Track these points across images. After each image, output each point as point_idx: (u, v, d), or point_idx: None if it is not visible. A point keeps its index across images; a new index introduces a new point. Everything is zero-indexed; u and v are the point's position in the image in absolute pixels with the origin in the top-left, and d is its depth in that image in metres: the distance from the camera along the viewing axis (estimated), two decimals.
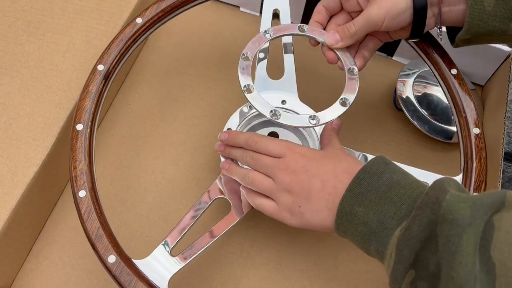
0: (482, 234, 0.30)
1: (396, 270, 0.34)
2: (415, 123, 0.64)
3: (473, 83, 0.72)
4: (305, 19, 0.73)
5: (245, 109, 0.54)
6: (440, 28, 0.48)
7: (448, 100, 0.52)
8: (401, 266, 0.33)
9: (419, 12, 0.46)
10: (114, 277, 0.41)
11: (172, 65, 0.69)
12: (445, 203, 0.32)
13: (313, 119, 0.46)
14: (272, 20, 0.56)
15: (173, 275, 0.43)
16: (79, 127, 0.46)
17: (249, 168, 0.46)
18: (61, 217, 0.57)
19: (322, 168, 0.42)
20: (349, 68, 0.49)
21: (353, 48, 0.51)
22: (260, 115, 0.54)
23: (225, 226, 0.48)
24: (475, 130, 0.49)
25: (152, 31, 0.53)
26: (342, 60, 0.49)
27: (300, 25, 0.50)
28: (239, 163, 0.49)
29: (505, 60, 0.66)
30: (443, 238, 0.31)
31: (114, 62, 0.50)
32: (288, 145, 0.44)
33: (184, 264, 0.44)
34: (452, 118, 0.63)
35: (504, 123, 0.58)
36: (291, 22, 0.54)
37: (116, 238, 0.43)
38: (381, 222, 0.37)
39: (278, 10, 0.56)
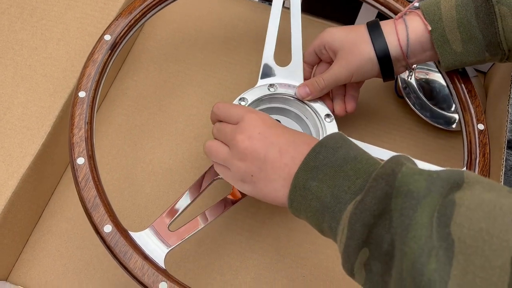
0: (441, 209, 0.28)
1: (348, 247, 0.32)
2: (416, 110, 0.63)
3: (476, 69, 0.70)
4: (305, 5, 0.72)
5: (265, 90, 0.53)
6: (411, 71, 0.51)
7: (452, 95, 0.51)
8: (353, 242, 0.32)
9: (386, 68, 0.49)
10: (108, 247, 0.40)
11: (169, 53, 0.68)
12: (400, 175, 0.31)
13: None
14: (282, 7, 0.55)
15: (170, 249, 0.42)
16: (82, 94, 0.44)
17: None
18: (57, 208, 0.56)
19: (281, 136, 0.39)
20: (326, 115, 0.51)
21: (340, 91, 0.54)
22: (261, 101, 0.53)
23: (225, 205, 0.47)
24: (480, 126, 0.49)
25: (163, 7, 0.52)
26: (314, 110, 0.52)
27: (270, 85, 0.52)
28: None
29: None
30: (397, 213, 0.29)
31: (122, 33, 0.48)
32: (249, 109, 0.42)
33: (182, 240, 0.43)
34: (454, 105, 0.63)
35: (508, 110, 0.57)
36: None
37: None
38: (334, 196, 0.35)
39: None
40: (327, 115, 0.51)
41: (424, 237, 0.27)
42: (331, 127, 0.51)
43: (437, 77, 0.65)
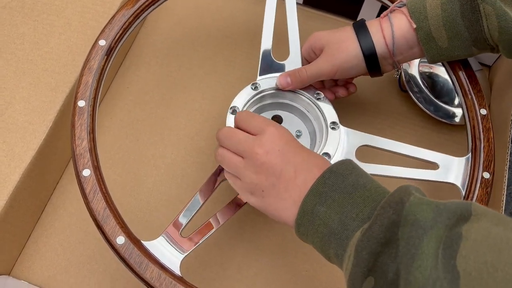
0: (447, 241, 0.28)
1: (354, 274, 0.32)
2: (420, 104, 0.62)
3: (480, 63, 0.70)
4: None
5: (248, 89, 0.52)
6: (398, 70, 0.51)
7: (453, 81, 0.51)
8: (359, 270, 0.31)
9: (372, 65, 0.49)
10: (123, 259, 0.39)
11: (171, 47, 0.68)
12: (408, 204, 0.31)
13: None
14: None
15: (185, 256, 0.42)
16: (81, 103, 0.44)
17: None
18: (60, 202, 0.56)
19: (297, 156, 0.40)
20: (316, 93, 0.52)
21: (333, 83, 0.55)
22: (265, 97, 0.53)
23: (236, 207, 0.46)
24: (482, 111, 0.48)
25: (156, 7, 0.51)
26: (303, 90, 0.52)
27: (254, 83, 0.52)
28: None
29: None
30: (404, 242, 0.30)
31: (116, 38, 0.47)
32: (270, 122, 0.42)
33: (195, 246, 0.43)
34: (458, 98, 0.62)
35: None
36: None
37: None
38: (342, 223, 0.35)
39: None
40: (317, 94, 0.52)
41: (429, 268, 0.27)
42: (324, 106, 0.51)
43: (441, 71, 0.65)
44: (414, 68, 0.64)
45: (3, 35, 0.57)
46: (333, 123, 0.50)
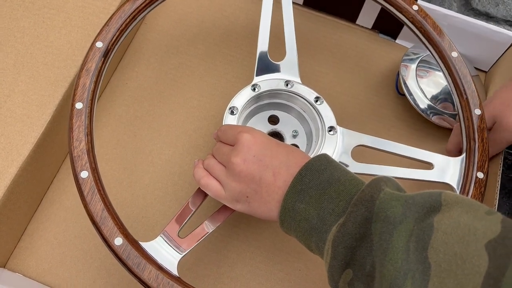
0: (419, 233, 0.30)
1: (332, 266, 0.34)
2: (417, 108, 0.63)
3: (476, 68, 0.70)
4: None
5: (248, 90, 0.53)
6: None
7: (448, 82, 0.52)
8: (337, 263, 0.33)
9: None
10: (120, 260, 0.40)
11: (171, 44, 0.68)
12: (378, 201, 0.32)
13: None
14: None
15: (182, 257, 0.43)
16: (79, 105, 0.44)
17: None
18: (56, 196, 0.57)
19: (275, 158, 0.40)
20: (316, 97, 0.52)
21: None
22: (262, 97, 0.53)
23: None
24: (477, 111, 0.49)
25: (153, 8, 0.52)
26: (301, 92, 0.52)
27: (253, 84, 0.52)
28: None
29: (511, 46, 0.64)
30: (377, 237, 0.31)
31: (113, 39, 0.48)
32: (242, 129, 0.43)
33: (193, 246, 0.43)
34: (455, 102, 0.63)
35: None
36: None
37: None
38: (320, 218, 0.36)
39: None
40: (316, 98, 0.52)
41: (400, 260, 0.29)
42: (324, 110, 0.51)
43: (438, 76, 0.65)
44: (411, 71, 0.64)
45: (4, 28, 0.57)
46: (331, 127, 0.50)
